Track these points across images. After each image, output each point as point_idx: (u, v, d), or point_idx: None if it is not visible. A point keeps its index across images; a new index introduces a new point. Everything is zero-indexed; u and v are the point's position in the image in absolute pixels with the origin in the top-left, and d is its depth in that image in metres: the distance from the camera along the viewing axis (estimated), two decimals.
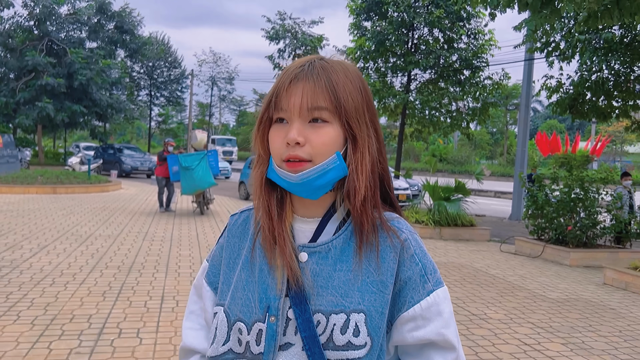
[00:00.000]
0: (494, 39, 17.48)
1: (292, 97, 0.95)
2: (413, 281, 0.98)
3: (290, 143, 0.93)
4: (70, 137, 48.98)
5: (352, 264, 0.97)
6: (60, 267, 6.36)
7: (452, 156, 48.58)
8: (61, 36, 29.27)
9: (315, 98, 0.94)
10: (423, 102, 17.55)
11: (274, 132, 0.97)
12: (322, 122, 0.95)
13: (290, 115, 0.95)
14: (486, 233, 10.61)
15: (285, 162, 0.95)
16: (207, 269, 1.12)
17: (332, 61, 1.01)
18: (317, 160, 0.94)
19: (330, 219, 1.01)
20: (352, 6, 17.53)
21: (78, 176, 17.79)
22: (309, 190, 0.96)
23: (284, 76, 0.98)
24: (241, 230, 1.09)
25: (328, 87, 0.95)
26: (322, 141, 0.94)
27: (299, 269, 0.97)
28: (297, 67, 0.98)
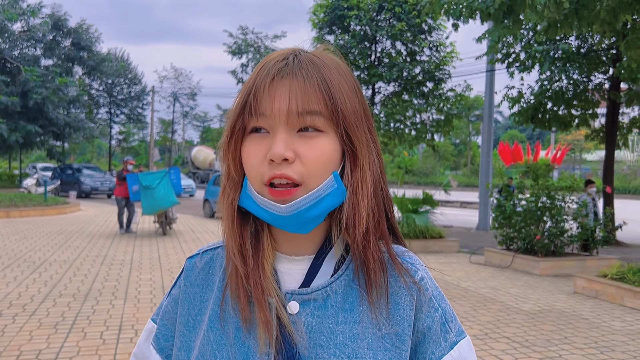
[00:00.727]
0: (455, 51, 17.70)
1: (276, 98, 0.71)
2: (433, 331, 0.77)
3: (276, 160, 0.69)
4: (26, 157, 47.42)
5: (359, 314, 0.74)
6: (9, 297, 5.92)
7: (418, 168, 49.14)
8: (14, 54, 28.36)
9: (307, 100, 0.71)
10: (388, 115, 17.59)
11: (251, 146, 0.73)
12: (315, 132, 0.72)
13: (274, 123, 0.71)
14: (455, 244, 10.56)
15: (268, 188, 0.71)
16: (154, 331, 0.85)
17: (320, 54, 0.77)
18: (310, 182, 0.71)
19: (327, 256, 0.78)
20: (315, 20, 17.51)
21: (34, 198, 17.09)
22: (299, 224, 0.73)
23: (262, 71, 0.73)
24: (204, 277, 0.83)
25: (322, 85, 0.72)
26: (316, 156, 0.71)
27: (290, 324, 0.73)
28: (280, 61, 0.73)
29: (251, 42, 22.51)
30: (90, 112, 36.11)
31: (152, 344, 0.85)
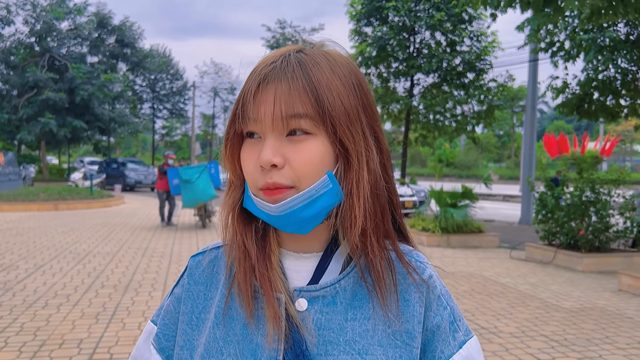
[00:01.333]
0: (497, 40, 17.27)
1: (261, 104, 0.70)
2: (442, 330, 0.76)
3: (264, 166, 0.69)
4: (75, 152, 49.11)
5: (369, 310, 0.74)
6: (54, 288, 6.16)
7: (459, 160, 48.31)
8: (62, 52, 29.34)
9: (291, 103, 0.70)
10: (427, 107, 17.34)
11: (247, 152, 0.73)
12: (303, 135, 0.71)
13: (263, 128, 0.71)
14: (495, 239, 10.33)
15: (262, 190, 0.71)
16: (154, 332, 0.85)
17: (313, 52, 0.75)
18: (302, 185, 0.71)
19: (334, 254, 0.78)
20: (352, 12, 17.39)
21: (80, 192, 17.68)
22: (295, 224, 0.73)
23: (250, 78, 0.73)
24: (208, 275, 0.83)
25: (307, 87, 0.70)
26: (303, 160, 0.70)
27: (299, 320, 0.73)
28: (267, 65, 0.72)
29: (288, 36, 22.57)
30: (134, 108, 37.07)
31: (152, 343, 0.84)
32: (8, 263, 7.49)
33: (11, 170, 18.04)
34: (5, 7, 27.95)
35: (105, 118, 28.32)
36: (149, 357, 0.85)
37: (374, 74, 18.06)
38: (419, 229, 10.56)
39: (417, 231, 10.45)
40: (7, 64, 28.02)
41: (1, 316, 5.01)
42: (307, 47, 0.77)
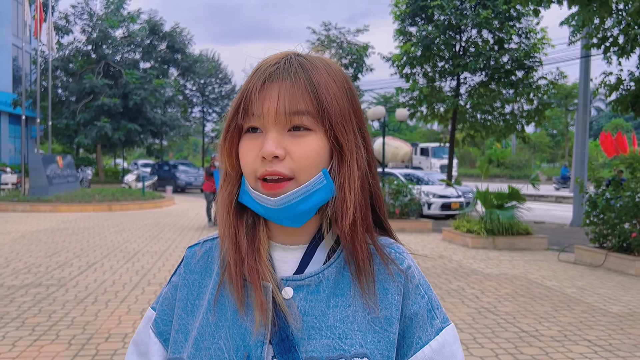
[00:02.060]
0: (547, 37, 16.77)
1: (266, 100, 0.77)
2: (420, 317, 0.81)
3: (267, 157, 0.75)
4: (129, 155, 50.88)
5: (350, 298, 0.79)
6: (104, 284, 6.44)
7: (510, 160, 46.98)
8: (117, 58, 30.50)
9: (295, 101, 0.76)
10: (474, 106, 17.02)
11: (246, 144, 0.79)
12: (304, 130, 0.77)
13: (265, 123, 0.77)
14: (543, 241, 10.04)
15: (261, 182, 0.77)
16: (153, 317, 0.91)
17: (311, 57, 0.82)
18: (301, 177, 0.77)
19: (319, 246, 0.83)
20: (397, 12, 17.30)
21: (133, 193, 18.34)
22: (291, 217, 0.79)
23: (254, 76, 0.79)
24: (203, 265, 0.89)
25: (309, 87, 0.77)
26: (305, 153, 0.76)
27: (285, 306, 0.79)
28: (271, 65, 0.79)
29: (333, 38, 22.62)
30: (185, 111, 38.10)
31: (151, 328, 0.90)
32: (63, 260, 7.88)
33: (69, 172, 18.90)
34: (64, 17, 29.34)
35: (157, 122, 29.25)
36: (148, 340, 0.90)
37: (419, 74, 17.88)
38: (464, 230, 10.38)
39: (462, 233, 10.29)
40: (66, 72, 29.38)
41: (54, 310, 5.29)
42: (304, 52, 0.84)
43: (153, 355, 0.88)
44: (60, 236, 10.40)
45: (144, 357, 0.91)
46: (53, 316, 5.10)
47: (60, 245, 9.32)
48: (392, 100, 33.05)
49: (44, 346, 4.29)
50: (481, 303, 5.78)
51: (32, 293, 5.94)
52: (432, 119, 18.63)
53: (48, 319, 5.02)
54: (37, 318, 5.02)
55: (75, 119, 27.45)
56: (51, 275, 6.89)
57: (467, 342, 4.50)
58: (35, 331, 4.65)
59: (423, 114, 18.53)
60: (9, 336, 4.50)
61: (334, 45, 23.27)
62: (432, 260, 8.46)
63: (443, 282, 6.77)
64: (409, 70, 17.78)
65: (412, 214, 13.04)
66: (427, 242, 10.62)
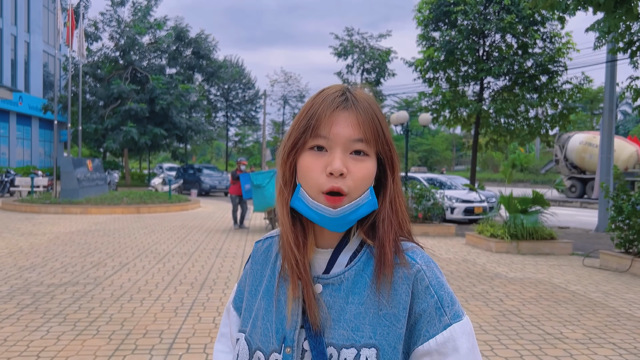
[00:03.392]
0: (571, 41, 16.68)
1: (336, 125, 0.93)
2: (428, 314, 0.94)
3: (335, 174, 0.90)
4: (154, 159, 51.66)
5: (364, 297, 0.95)
6: (138, 284, 6.68)
7: (534, 165, 46.47)
8: (143, 64, 31.12)
9: (361, 130, 0.93)
10: (497, 111, 17.00)
11: (311, 160, 0.94)
12: (364, 156, 0.94)
13: (332, 145, 0.93)
14: (568, 246, 10.02)
15: (325, 195, 0.92)
16: (234, 293, 1.13)
17: (365, 94, 1.00)
18: (353, 194, 0.93)
19: (343, 250, 0.99)
20: (420, 17, 17.38)
21: (160, 196, 18.71)
22: (341, 224, 0.95)
23: (323, 103, 0.95)
24: (264, 258, 1.08)
25: (372, 120, 0.94)
26: (363, 175, 0.93)
27: (315, 301, 0.95)
28: (338, 96, 0.96)
29: (356, 43, 22.78)
30: (209, 116, 38.66)
31: (231, 303, 1.13)
32: (97, 260, 8.17)
33: (98, 176, 19.38)
34: (93, 25, 30.07)
35: (183, 126, 29.75)
36: (230, 311, 1.13)
37: (442, 78, 17.93)
38: (487, 235, 10.42)
39: (486, 237, 10.33)
40: (95, 77, 30.08)
41: (93, 307, 5.54)
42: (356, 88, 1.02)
43: (232, 324, 1.11)
44: (93, 237, 10.74)
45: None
46: (92, 313, 5.35)
47: (93, 246, 9.64)
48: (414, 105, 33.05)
49: (86, 340, 4.52)
50: (505, 306, 5.87)
51: (70, 291, 6.21)
52: (454, 123, 18.66)
53: (88, 315, 5.27)
54: (77, 314, 5.27)
55: (103, 123, 28.09)
56: (87, 274, 7.17)
57: (492, 343, 4.60)
58: (77, 326, 4.89)
59: (446, 119, 18.56)
60: (52, 331, 4.75)
61: (357, 50, 23.49)
62: (455, 264, 8.54)
63: (467, 286, 6.86)
64: (432, 75, 17.85)
65: (435, 218, 13.09)
66: (450, 246, 10.68)
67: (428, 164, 62.48)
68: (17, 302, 5.65)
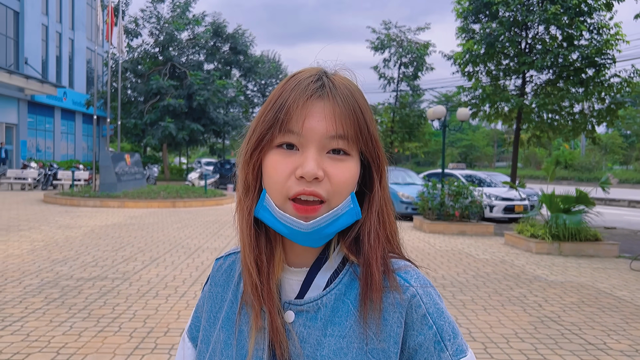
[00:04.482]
0: (621, 32, 15.86)
1: (309, 118, 0.74)
2: (425, 349, 0.75)
3: (307, 178, 0.72)
4: (193, 153, 52.46)
5: (347, 328, 0.76)
6: (165, 279, 6.65)
7: (579, 162, 44.90)
8: (182, 60, 31.52)
9: (340, 124, 0.74)
10: (540, 106, 16.35)
11: (276, 160, 0.75)
12: (344, 155, 0.76)
13: (305, 142, 0.74)
14: (614, 248, 9.50)
15: (292, 203, 0.74)
16: (191, 320, 0.94)
17: (346, 79, 0.80)
18: (334, 201, 0.75)
19: (321, 269, 0.80)
20: (459, 9, 16.89)
21: (196, 191, 18.88)
22: (315, 239, 0.76)
23: (294, 90, 0.76)
24: (225, 278, 0.89)
25: (354, 111, 0.75)
26: (344, 178, 0.75)
27: (284, 333, 0.76)
28: (312, 82, 0.76)
29: (394, 37, 22.35)
30: (246, 112, 38.85)
31: (186, 333, 0.93)
32: (128, 255, 8.20)
33: (136, 170, 19.70)
34: (134, 21, 30.61)
35: (220, 122, 29.99)
36: (184, 345, 0.92)
37: (482, 72, 17.40)
38: (527, 235, 10.00)
39: (526, 237, 9.90)
40: (135, 73, 30.64)
41: (118, 303, 5.51)
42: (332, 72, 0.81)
43: (187, 357, 0.90)
44: (127, 231, 10.84)
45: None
46: (117, 309, 5.31)
47: (126, 240, 9.71)
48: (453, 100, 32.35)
49: (107, 337, 4.47)
50: (544, 312, 5.54)
51: (98, 286, 6.21)
52: (495, 118, 18.08)
53: (112, 311, 5.23)
54: (102, 310, 5.24)
55: (142, 118, 28.59)
56: (116, 269, 7.18)
57: (528, 352, 4.31)
58: (100, 322, 4.85)
59: (486, 114, 18.02)
60: (75, 326, 4.72)
61: (394, 44, 23.04)
62: (492, 265, 8.19)
63: (504, 289, 6.54)
64: (471, 69, 17.33)
65: (472, 216, 12.69)
66: (488, 246, 10.30)
67: (468, 160, 61.27)
68: (45, 296, 5.68)
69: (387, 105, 26.93)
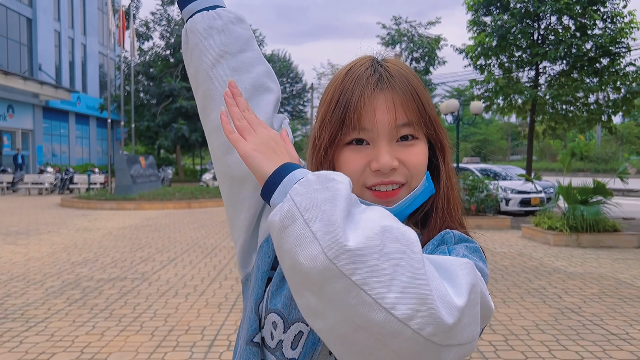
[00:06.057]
0: (635, 20, 15.65)
1: (377, 112, 0.77)
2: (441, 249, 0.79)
3: (384, 171, 0.77)
4: (207, 155, 52.68)
5: None
6: (184, 279, 6.70)
7: (595, 153, 44.39)
8: None
9: (403, 113, 0.78)
10: (554, 97, 16.20)
11: (350, 155, 0.80)
12: (413, 139, 0.80)
13: (375, 136, 0.78)
14: (634, 239, 9.39)
15: (371, 191, 0.79)
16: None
17: (400, 63, 0.84)
18: (414, 182, 0.81)
19: None
20: (470, 2, 16.78)
21: (211, 191, 18.97)
22: None
23: (355, 85, 0.79)
24: None
25: (413, 96, 0.79)
26: (418, 161, 0.80)
27: None
28: (371, 75, 0.79)
29: (404, 32, 22.27)
30: None
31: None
32: (147, 255, 8.28)
33: (151, 172, 19.86)
34: (144, 24, 30.85)
35: None
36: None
37: (495, 65, 17.27)
38: (545, 227, 9.92)
39: (543, 230, 9.82)
40: (147, 76, 30.90)
41: (139, 303, 5.57)
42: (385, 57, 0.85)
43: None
44: (144, 232, 10.94)
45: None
46: (137, 308, 5.37)
47: (143, 241, 9.80)
48: (466, 94, 32.14)
49: (129, 336, 4.52)
50: (564, 303, 5.49)
51: (118, 286, 6.28)
52: (509, 111, 17.94)
53: (133, 310, 5.29)
54: (123, 310, 5.30)
55: (155, 121, 28.80)
56: (135, 269, 7.26)
57: (550, 343, 4.28)
58: (122, 322, 4.91)
59: (499, 106, 17.89)
60: (98, 326, 4.78)
61: (405, 39, 22.94)
62: (510, 258, 8.14)
63: (523, 281, 6.50)
64: (483, 62, 17.20)
65: (489, 210, 12.61)
66: (505, 239, 10.23)
67: (482, 154, 60.88)
68: (67, 297, 5.76)
69: None
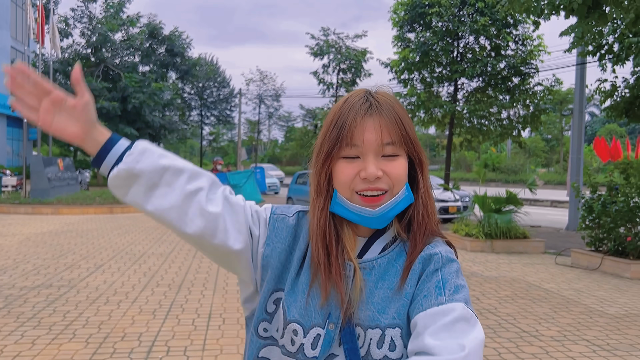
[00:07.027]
0: (543, 44, 17.04)
1: (366, 132, 0.99)
2: (428, 290, 0.97)
3: (370, 179, 0.98)
4: None
5: (393, 283, 1.00)
6: (114, 286, 6.58)
7: (506, 165, 47.26)
8: (116, 62, 30.61)
9: (389, 133, 0.99)
10: (471, 112, 17.25)
11: (344, 166, 1.01)
12: (395, 156, 1.00)
13: (364, 151, 0.99)
14: (541, 245, 10.24)
15: (359, 196, 0.99)
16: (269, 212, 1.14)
17: (387, 94, 1.05)
18: (395, 189, 1.00)
19: (378, 239, 1.05)
20: (395, 19, 17.52)
21: None
22: (381, 221, 1.02)
23: (350, 111, 1.01)
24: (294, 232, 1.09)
25: (397, 121, 1.00)
26: (398, 172, 1.00)
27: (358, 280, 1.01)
28: (363, 103, 1.01)
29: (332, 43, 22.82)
30: (182, 115, 38.27)
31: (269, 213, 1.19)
32: (71, 262, 8.01)
33: (69, 175, 18.99)
34: (64, 21, 29.44)
35: (156, 125, 29.38)
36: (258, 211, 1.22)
37: (417, 79, 18.12)
38: (462, 234, 10.57)
39: (461, 236, 10.48)
40: (65, 74, 29.46)
41: (68, 310, 5.44)
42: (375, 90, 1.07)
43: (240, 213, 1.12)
44: (65, 238, 10.52)
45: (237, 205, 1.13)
46: (68, 316, 5.24)
47: (66, 247, 9.44)
48: None
49: (62, 344, 4.43)
50: (482, 304, 5.97)
51: (44, 294, 6.08)
52: (429, 123, 18.87)
53: (63, 318, 5.16)
54: (52, 318, 5.16)
55: None
56: (61, 276, 7.02)
57: None
58: (52, 330, 4.79)
59: (421, 119, 18.77)
60: (27, 335, 4.65)
61: (333, 50, 23.53)
62: None
63: None
64: (407, 76, 18.01)
65: None
66: None
67: None
68: None
69: (326, 110, 27.39)
